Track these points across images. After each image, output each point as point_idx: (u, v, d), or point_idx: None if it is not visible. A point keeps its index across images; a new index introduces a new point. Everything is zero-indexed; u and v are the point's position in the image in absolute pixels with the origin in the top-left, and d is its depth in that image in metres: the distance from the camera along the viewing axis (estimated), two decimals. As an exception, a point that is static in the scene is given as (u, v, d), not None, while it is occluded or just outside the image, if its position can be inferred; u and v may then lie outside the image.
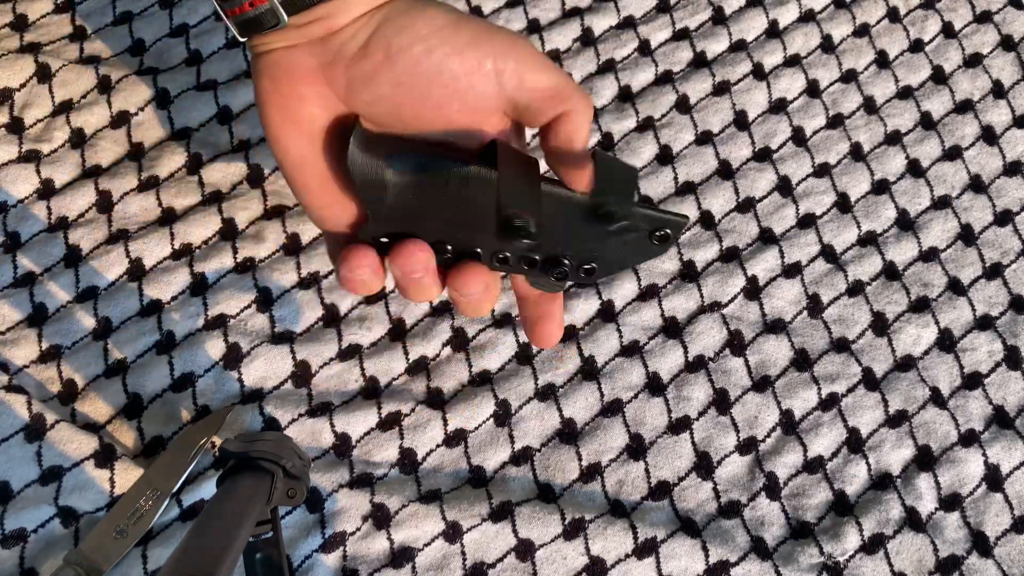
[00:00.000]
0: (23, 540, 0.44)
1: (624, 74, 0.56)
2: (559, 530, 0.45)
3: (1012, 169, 0.55)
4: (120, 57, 0.55)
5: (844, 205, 0.54)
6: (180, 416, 0.47)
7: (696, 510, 0.47)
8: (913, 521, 0.46)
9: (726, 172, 0.54)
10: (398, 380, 0.49)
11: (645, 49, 0.57)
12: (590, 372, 0.49)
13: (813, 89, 0.56)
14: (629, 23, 0.57)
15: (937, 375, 0.50)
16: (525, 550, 0.45)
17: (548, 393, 0.49)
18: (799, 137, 0.55)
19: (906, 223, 0.53)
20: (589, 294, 0.51)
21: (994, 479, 0.47)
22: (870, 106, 0.56)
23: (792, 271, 0.52)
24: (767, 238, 0.53)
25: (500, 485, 0.47)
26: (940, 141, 0.56)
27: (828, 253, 0.52)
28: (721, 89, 0.56)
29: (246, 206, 0.51)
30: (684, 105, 0.55)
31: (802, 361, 0.50)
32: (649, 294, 0.51)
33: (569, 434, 0.48)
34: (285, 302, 0.50)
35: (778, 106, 0.56)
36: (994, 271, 0.52)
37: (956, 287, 0.52)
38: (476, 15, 0.57)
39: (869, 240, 0.53)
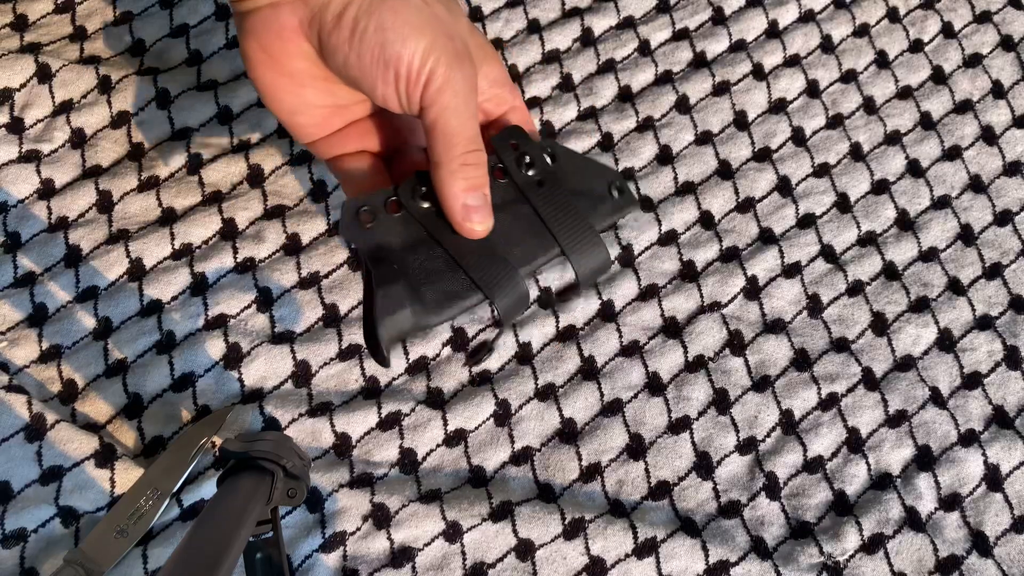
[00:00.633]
0: (23, 540, 0.44)
1: (624, 74, 0.56)
2: (559, 530, 0.45)
3: (1012, 169, 0.55)
4: (120, 57, 0.55)
5: (844, 205, 0.54)
6: (180, 416, 0.47)
7: (696, 510, 0.47)
8: (913, 521, 0.46)
9: (726, 172, 0.54)
10: (398, 380, 0.49)
11: (645, 49, 0.57)
12: (590, 372, 0.49)
13: (813, 89, 0.56)
14: (629, 23, 0.57)
15: (937, 375, 0.50)
16: (525, 550, 0.45)
17: (548, 393, 0.49)
18: (799, 137, 0.55)
19: (906, 223, 0.53)
20: (589, 294, 0.51)
21: (994, 479, 0.48)
22: (870, 106, 0.56)
23: (792, 271, 0.52)
24: (767, 238, 0.53)
25: (500, 485, 0.47)
26: (940, 141, 0.56)
27: (828, 253, 0.52)
28: (721, 89, 0.56)
29: (246, 206, 0.51)
30: (684, 105, 0.55)
31: (802, 361, 0.50)
32: (649, 294, 0.51)
33: (569, 434, 0.48)
34: (285, 302, 0.50)
35: (778, 106, 0.56)
36: (994, 271, 0.52)
37: (956, 287, 0.52)
38: (476, 16, 0.57)
39: (869, 240, 0.53)
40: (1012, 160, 0.55)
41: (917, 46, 0.58)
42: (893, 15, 0.58)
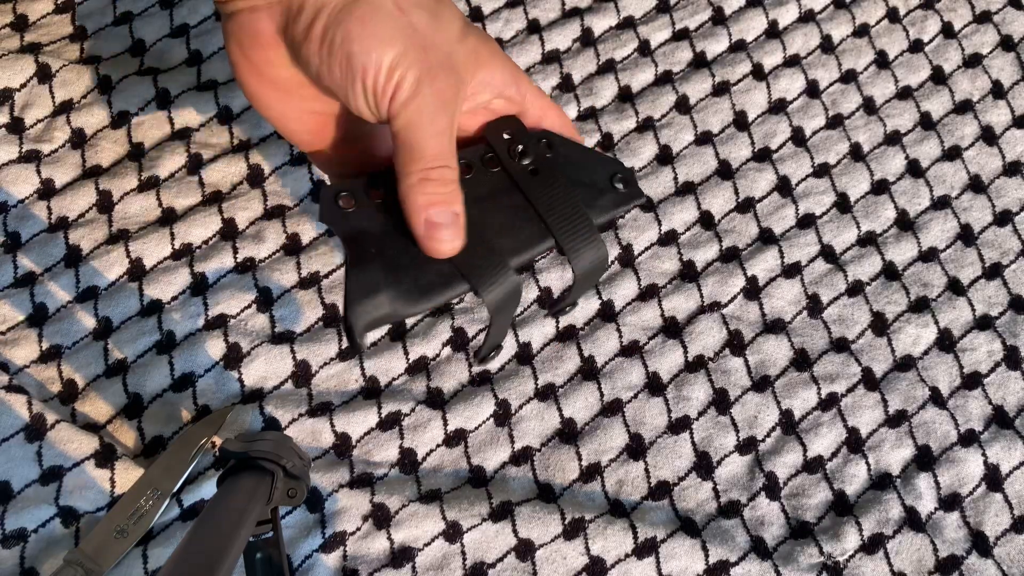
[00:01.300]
0: (23, 540, 0.44)
1: (624, 74, 0.56)
2: (559, 530, 0.45)
3: (1012, 169, 0.55)
4: (120, 57, 0.55)
5: (844, 205, 0.54)
6: (180, 416, 0.47)
7: (696, 510, 0.47)
8: (913, 521, 0.46)
9: (726, 172, 0.54)
10: (398, 380, 0.49)
11: (645, 49, 0.57)
12: (590, 372, 0.49)
13: (813, 89, 0.56)
14: (629, 23, 0.57)
15: (937, 375, 0.50)
16: (525, 550, 0.45)
17: (548, 393, 0.49)
18: (799, 137, 0.55)
19: (906, 223, 0.53)
20: (589, 294, 0.51)
21: (994, 479, 0.48)
22: (870, 106, 0.56)
23: (792, 271, 0.52)
24: (767, 238, 0.53)
25: (500, 485, 0.47)
26: (940, 141, 0.56)
27: (828, 253, 0.52)
28: (721, 89, 0.56)
29: (246, 206, 0.51)
30: (684, 105, 0.55)
31: (802, 361, 0.50)
32: (649, 294, 0.51)
33: (569, 434, 0.48)
34: (285, 302, 0.50)
35: (778, 106, 0.56)
36: (994, 271, 0.52)
37: (956, 287, 0.52)
38: (476, 16, 0.57)
39: (869, 240, 0.53)
40: (1012, 160, 0.55)
41: (917, 46, 0.58)
42: (893, 15, 0.58)
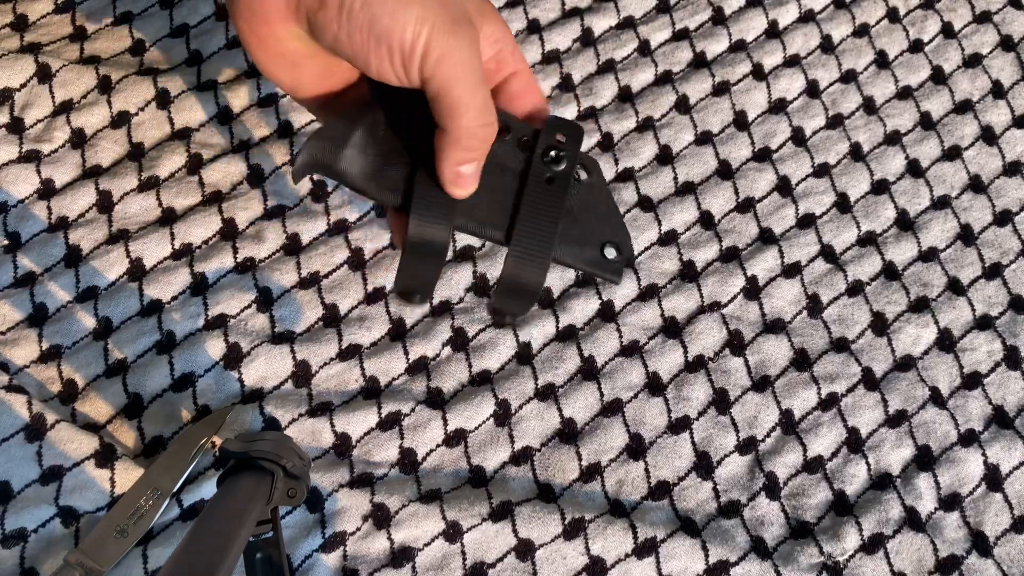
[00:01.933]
0: (23, 540, 0.44)
1: (624, 74, 0.56)
2: (559, 530, 0.45)
3: (1012, 169, 0.55)
4: (120, 57, 0.55)
5: (844, 205, 0.54)
6: (180, 416, 0.47)
7: (696, 510, 0.47)
8: (913, 521, 0.46)
9: (726, 172, 0.54)
10: (398, 380, 0.49)
11: (645, 49, 0.57)
12: (590, 372, 0.49)
13: (813, 89, 0.56)
14: (629, 23, 0.57)
15: (937, 375, 0.50)
16: (525, 550, 0.45)
17: (548, 393, 0.49)
18: (799, 137, 0.55)
19: (906, 223, 0.53)
20: (589, 294, 0.51)
21: (994, 479, 0.48)
22: (870, 106, 0.56)
23: (792, 271, 0.52)
24: (767, 238, 0.53)
25: (500, 485, 0.47)
26: (940, 141, 0.56)
27: (828, 253, 0.52)
28: (721, 89, 0.56)
29: (246, 206, 0.51)
30: (684, 105, 0.55)
31: (802, 361, 0.50)
32: (649, 294, 0.51)
33: (569, 434, 0.48)
34: (285, 302, 0.50)
35: (778, 106, 0.56)
36: (994, 271, 0.53)
37: (956, 287, 0.52)
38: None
39: (869, 240, 0.53)
40: (1012, 160, 0.55)
41: (917, 46, 0.58)
42: (893, 15, 0.58)
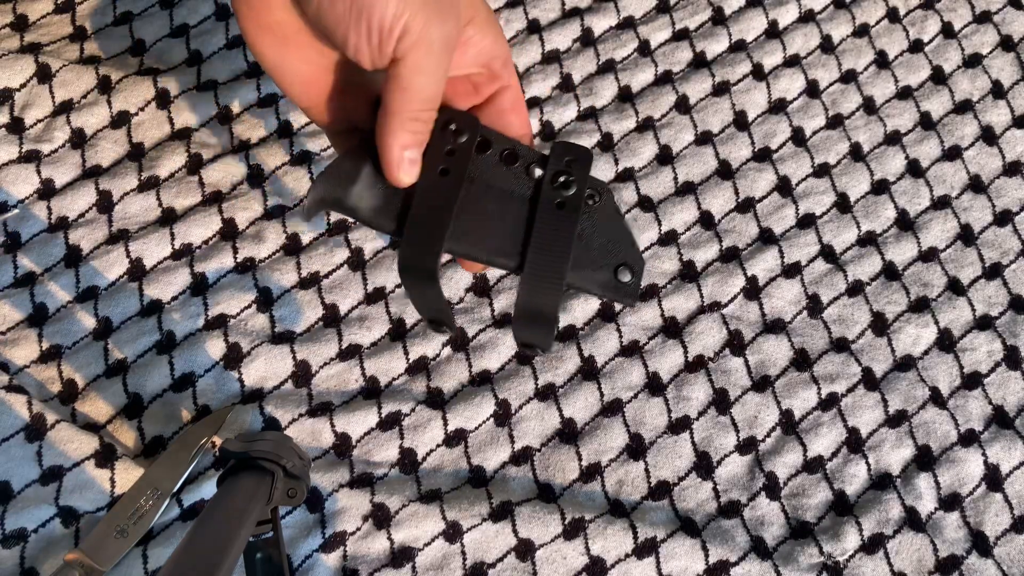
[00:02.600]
0: (23, 540, 0.44)
1: (624, 74, 0.56)
2: (559, 530, 0.45)
3: (1012, 169, 0.55)
4: (120, 57, 0.55)
5: (844, 205, 0.54)
6: (180, 416, 0.47)
7: (696, 510, 0.47)
8: (913, 521, 0.46)
9: (726, 172, 0.54)
10: (398, 380, 0.49)
11: (645, 49, 0.57)
12: (590, 372, 0.49)
13: (813, 89, 0.56)
14: (629, 23, 0.57)
15: (937, 375, 0.50)
16: (525, 550, 0.45)
17: (548, 393, 0.49)
18: (799, 137, 0.55)
19: (906, 223, 0.53)
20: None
21: (994, 479, 0.48)
22: (870, 106, 0.56)
23: (792, 271, 0.52)
24: (767, 238, 0.53)
25: (500, 485, 0.47)
26: (940, 141, 0.56)
27: (828, 253, 0.52)
28: (721, 89, 0.56)
29: (246, 206, 0.51)
30: (684, 105, 0.55)
31: (802, 361, 0.50)
32: (649, 294, 0.51)
33: (569, 434, 0.48)
34: (285, 302, 0.50)
35: (778, 106, 0.56)
36: (994, 271, 0.53)
37: (956, 287, 0.52)
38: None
39: (869, 240, 0.53)
40: (1012, 160, 0.55)
41: (917, 46, 0.58)
42: (893, 15, 0.58)
